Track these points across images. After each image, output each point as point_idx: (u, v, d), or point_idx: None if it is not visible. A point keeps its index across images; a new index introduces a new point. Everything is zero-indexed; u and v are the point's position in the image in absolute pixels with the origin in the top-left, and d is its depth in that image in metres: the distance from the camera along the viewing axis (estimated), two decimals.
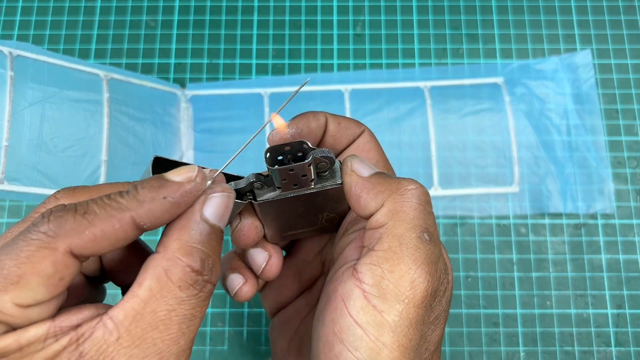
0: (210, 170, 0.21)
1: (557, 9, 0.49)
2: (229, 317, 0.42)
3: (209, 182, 0.20)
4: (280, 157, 0.23)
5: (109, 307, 0.18)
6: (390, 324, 0.20)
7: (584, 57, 0.47)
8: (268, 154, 0.22)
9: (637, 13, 0.48)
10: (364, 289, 0.20)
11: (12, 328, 0.17)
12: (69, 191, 0.21)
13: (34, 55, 0.38)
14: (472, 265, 0.43)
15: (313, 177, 0.23)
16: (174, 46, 0.48)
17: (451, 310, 0.42)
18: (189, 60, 0.48)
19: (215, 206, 0.20)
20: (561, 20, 0.48)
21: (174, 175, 0.19)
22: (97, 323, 0.17)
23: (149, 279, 0.18)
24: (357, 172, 0.22)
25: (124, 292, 0.23)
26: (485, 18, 0.49)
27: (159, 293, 0.18)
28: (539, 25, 0.48)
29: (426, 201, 0.21)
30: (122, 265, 0.23)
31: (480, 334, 0.42)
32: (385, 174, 0.23)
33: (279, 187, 0.23)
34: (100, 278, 0.24)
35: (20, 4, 0.49)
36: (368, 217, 0.22)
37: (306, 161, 0.21)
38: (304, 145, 0.22)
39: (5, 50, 0.36)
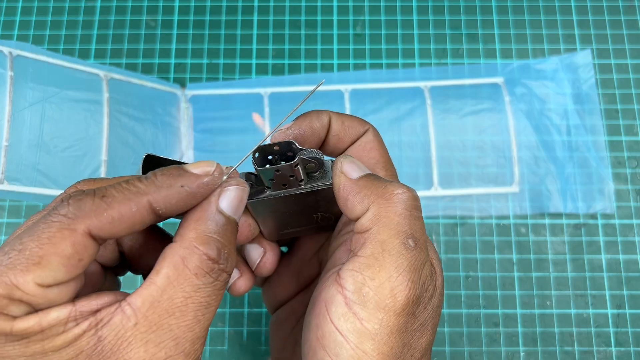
0: (226, 168, 0.21)
1: (557, 9, 0.49)
2: (229, 317, 0.42)
3: (225, 177, 0.21)
4: (270, 157, 0.23)
5: (127, 294, 0.19)
6: (370, 332, 0.20)
7: (584, 57, 0.47)
8: (257, 154, 0.22)
9: (637, 13, 0.48)
10: (345, 296, 0.20)
11: (34, 309, 0.17)
12: (89, 181, 0.22)
13: (34, 55, 0.38)
14: (472, 265, 0.43)
15: (302, 178, 0.22)
16: (174, 46, 0.48)
17: (451, 310, 0.42)
18: (189, 60, 0.48)
19: (230, 198, 0.20)
20: (561, 20, 0.48)
21: (193, 167, 0.20)
22: (115, 309, 0.18)
23: (167, 267, 0.19)
24: (346, 173, 0.22)
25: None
26: (485, 18, 0.49)
27: (176, 280, 0.18)
28: (539, 25, 0.48)
29: (413, 206, 0.21)
30: (143, 251, 0.24)
31: (480, 334, 0.42)
32: (375, 176, 0.22)
33: (268, 187, 0.23)
34: (117, 269, 0.25)
35: (20, 4, 0.49)
36: (356, 220, 0.22)
37: (292, 162, 0.21)
38: (293, 146, 0.22)
39: (5, 50, 0.36)
